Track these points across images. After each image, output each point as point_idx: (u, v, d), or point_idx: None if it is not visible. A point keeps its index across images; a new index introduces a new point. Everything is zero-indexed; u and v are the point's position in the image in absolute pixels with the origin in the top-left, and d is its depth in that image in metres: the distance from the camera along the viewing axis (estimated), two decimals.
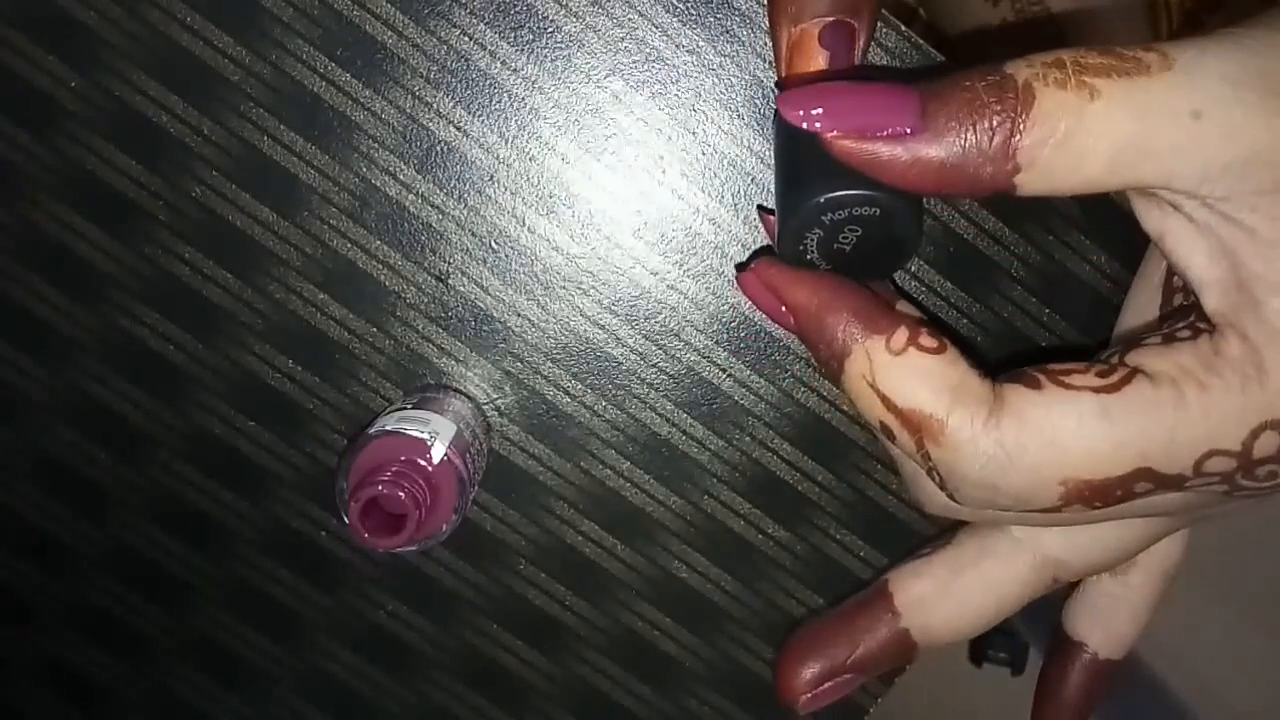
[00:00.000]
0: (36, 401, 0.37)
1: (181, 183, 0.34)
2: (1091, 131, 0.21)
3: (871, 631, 0.30)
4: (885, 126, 0.23)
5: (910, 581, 0.30)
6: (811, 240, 0.26)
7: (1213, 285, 0.23)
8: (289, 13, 0.33)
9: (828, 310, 0.26)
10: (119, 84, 0.33)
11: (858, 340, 0.25)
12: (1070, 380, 0.24)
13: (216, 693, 0.40)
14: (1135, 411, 0.23)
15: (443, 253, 0.35)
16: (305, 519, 0.38)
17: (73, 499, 0.38)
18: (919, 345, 0.25)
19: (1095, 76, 0.21)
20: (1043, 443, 0.23)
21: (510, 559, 0.38)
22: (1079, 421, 0.23)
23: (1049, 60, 0.22)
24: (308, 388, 0.36)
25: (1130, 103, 0.21)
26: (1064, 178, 0.22)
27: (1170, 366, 0.23)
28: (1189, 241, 0.23)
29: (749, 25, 0.32)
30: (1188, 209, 0.23)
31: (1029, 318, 0.35)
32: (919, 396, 0.25)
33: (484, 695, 0.40)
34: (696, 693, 0.39)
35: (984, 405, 0.24)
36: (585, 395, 0.36)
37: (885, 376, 0.25)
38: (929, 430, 0.25)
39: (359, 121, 0.34)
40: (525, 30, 0.33)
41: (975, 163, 0.22)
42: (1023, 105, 0.22)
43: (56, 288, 0.36)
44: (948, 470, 0.25)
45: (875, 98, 0.23)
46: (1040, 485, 0.24)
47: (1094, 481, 0.24)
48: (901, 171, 0.23)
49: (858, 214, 0.25)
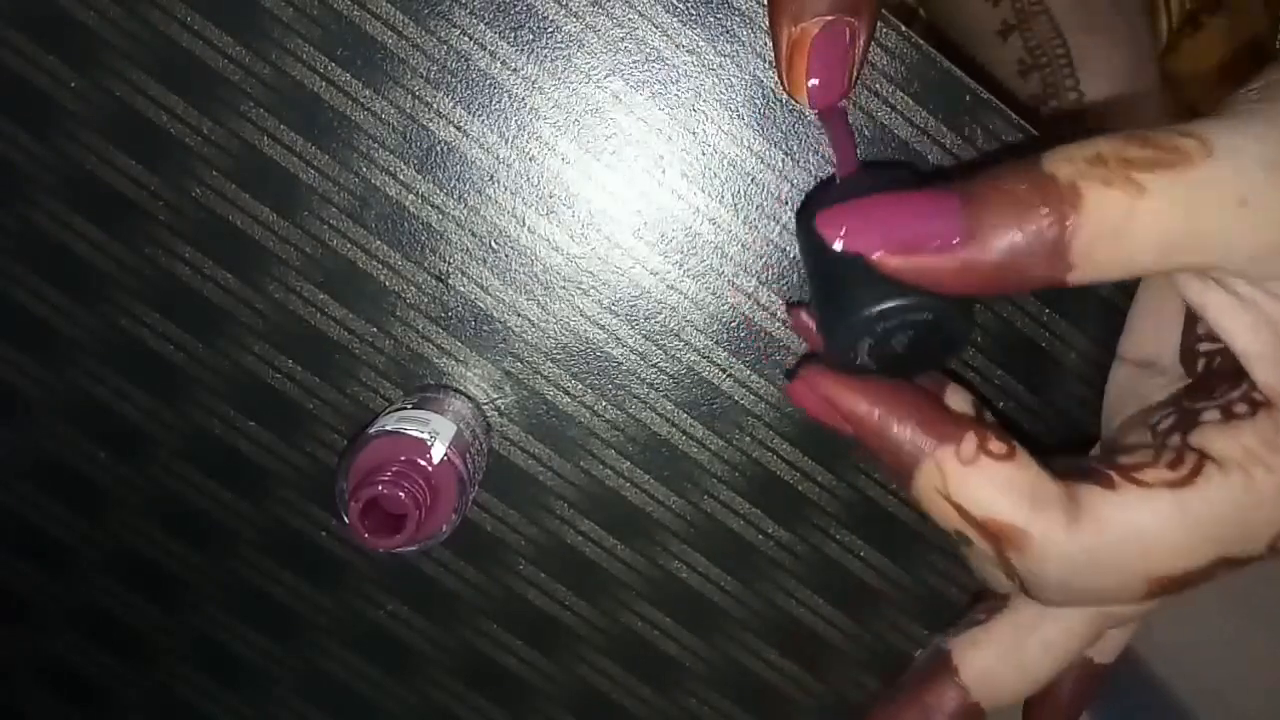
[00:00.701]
0: (36, 401, 0.37)
1: (181, 183, 0.34)
2: (1141, 227, 0.22)
3: (942, 709, 0.30)
4: (931, 239, 0.22)
5: (973, 654, 0.30)
6: (862, 347, 0.26)
7: (1261, 358, 0.24)
8: (289, 13, 0.33)
9: (890, 420, 0.26)
10: (119, 84, 0.33)
11: (925, 452, 0.25)
12: (1144, 476, 0.24)
13: (216, 693, 0.40)
14: (1211, 505, 0.23)
15: (443, 253, 0.35)
16: (305, 519, 0.38)
17: (73, 499, 0.38)
18: (989, 452, 0.25)
19: (1140, 172, 0.21)
20: (1124, 543, 0.24)
21: (510, 559, 0.38)
22: (1158, 521, 0.24)
23: (1089, 156, 0.22)
24: (308, 388, 0.36)
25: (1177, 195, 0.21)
26: (1114, 269, 0.22)
27: (1236, 450, 0.24)
28: (1232, 315, 0.24)
29: (749, 25, 0.32)
30: (1232, 285, 0.23)
31: (1029, 318, 0.35)
32: (997, 507, 0.25)
33: (484, 695, 0.40)
34: (696, 693, 0.39)
35: (1061, 510, 0.24)
36: (585, 395, 0.36)
37: (959, 488, 0.25)
38: (1011, 540, 0.25)
39: (359, 121, 0.34)
40: (525, 30, 0.33)
41: (1027, 264, 0.22)
42: (1069, 206, 0.21)
43: (56, 288, 0.36)
44: (1032, 577, 0.25)
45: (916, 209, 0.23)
46: (1127, 584, 0.24)
47: (1176, 576, 0.24)
48: (952, 280, 0.23)
49: (909, 320, 0.25)
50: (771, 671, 0.39)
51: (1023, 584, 0.26)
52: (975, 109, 0.32)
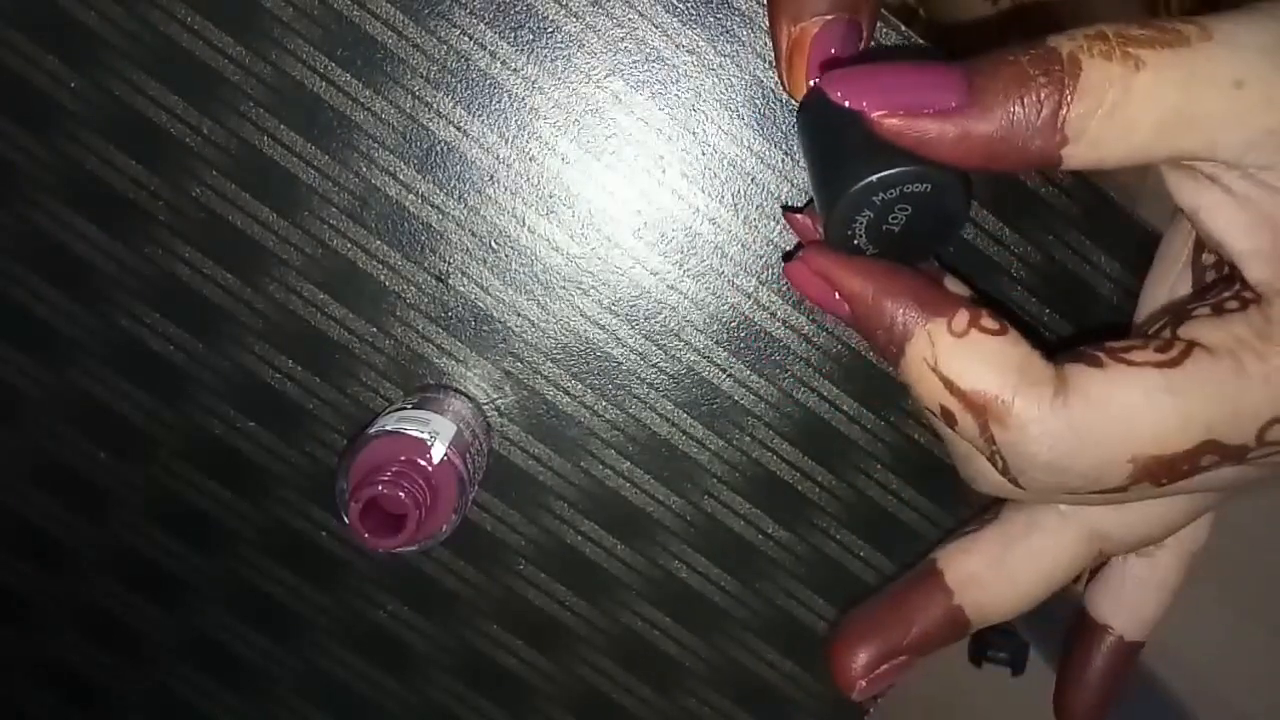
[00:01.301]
0: (36, 401, 0.37)
1: (181, 183, 0.34)
2: (1137, 101, 0.22)
3: (925, 611, 0.30)
4: (932, 103, 0.23)
5: (960, 559, 0.30)
6: (861, 224, 0.26)
7: (1255, 255, 0.23)
8: (289, 13, 0.33)
9: (885, 295, 0.26)
10: (119, 84, 0.33)
11: (918, 323, 0.25)
12: (1132, 356, 0.24)
13: (216, 693, 0.40)
14: (1199, 384, 0.23)
15: (443, 253, 0.35)
16: (305, 519, 0.38)
17: (73, 499, 0.38)
18: (981, 327, 0.25)
19: (1139, 48, 0.22)
20: (1111, 420, 0.24)
21: (510, 559, 0.38)
22: (1145, 397, 0.23)
23: (1091, 33, 0.22)
24: (308, 388, 0.36)
25: (1175, 72, 0.22)
26: (1111, 148, 0.22)
27: (1226, 337, 0.23)
28: (1227, 214, 0.24)
29: (749, 25, 0.32)
30: (1226, 180, 0.23)
31: (1029, 317, 0.35)
32: (984, 379, 0.24)
33: (484, 695, 0.40)
34: (696, 693, 0.39)
35: (1049, 386, 0.24)
36: (585, 395, 0.36)
37: (948, 359, 0.25)
38: (994, 413, 0.24)
39: (359, 121, 0.34)
40: (525, 30, 0.33)
41: (1024, 135, 0.22)
42: (1069, 77, 0.22)
43: (56, 288, 0.36)
44: (1013, 453, 0.25)
45: (920, 75, 0.23)
46: (1109, 463, 0.24)
47: (1162, 457, 0.24)
48: (951, 147, 0.23)
49: (909, 191, 0.25)
50: (771, 671, 0.39)
51: (1004, 466, 0.25)
52: None
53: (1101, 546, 0.29)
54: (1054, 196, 0.34)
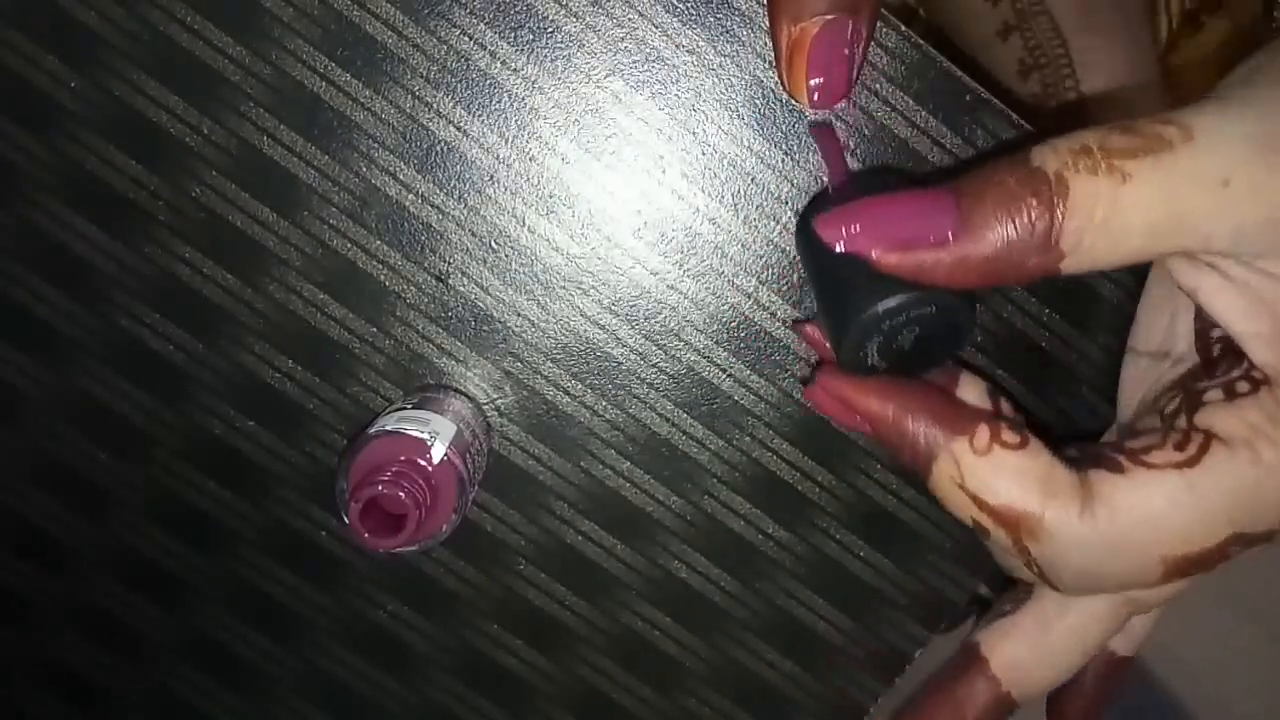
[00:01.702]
0: (36, 401, 0.37)
1: (181, 183, 0.34)
2: (1127, 212, 0.22)
3: (974, 701, 0.31)
4: (926, 235, 0.23)
5: (1002, 644, 0.31)
6: (871, 348, 0.27)
7: (1256, 338, 0.24)
8: (289, 13, 0.33)
9: (905, 416, 0.26)
10: (119, 84, 0.33)
11: (940, 444, 0.26)
12: (1152, 459, 0.25)
13: (216, 693, 0.40)
14: (1219, 481, 0.24)
15: (443, 253, 0.35)
16: (305, 519, 0.38)
17: (73, 499, 0.38)
18: (1002, 442, 0.26)
19: (1123, 160, 0.22)
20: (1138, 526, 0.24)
21: (510, 559, 0.38)
22: (1168, 502, 0.24)
23: (1075, 148, 0.23)
24: (308, 388, 0.36)
25: (1161, 180, 0.22)
26: (1107, 255, 0.23)
27: (1240, 427, 0.24)
28: (1226, 298, 0.24)
29: (749, 25, 0.32)
30: (1222, 267, 0.24)
31: (1029, 318, 0.35)
32: (1011, 495, 0.25)
33: (484, 695, 0.40)
34: (696, 693, 0.39)
35: (1076, 498, 0.25)
36: (585, 395, 0.36)
37: (974, 478, 0.26)
38: (1026, 528, 0.25)
39: (359, 121, 0.34)
40: (525, 30, 0.33)
41: (1020, 255, 0.23)
42: (1058, 196, 0.22)
43: (56, 288, 0.36)
44: (1048, 564, 0.25)
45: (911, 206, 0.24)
46: (1142, 567, 0.25)
47: (1191, 555, 0.24)
48: (949, 273, 0.23)
49: (914, 315, 0.26)
50: (771, 671, 0.39)
51: (1040, 572, 0.26)
52: (975, 109, 0.32)
53: (1133, 610, 0.30)
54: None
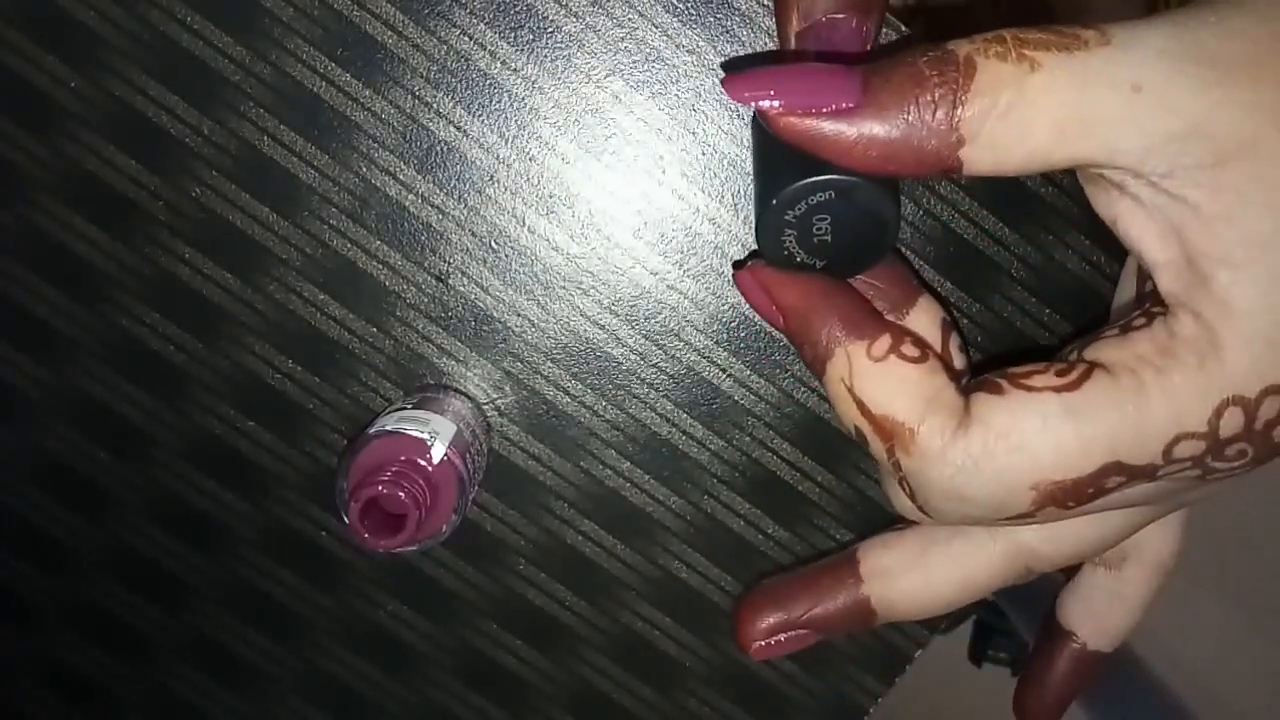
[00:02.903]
0: (36, 401, 0.37)
1: (181, 183, 0.34)
2: (1033, 102, 0.22)
3: (832, 593, 0.31)
4: (828, 103, 0.23)
5: (878, 551, 0.31)
6: (790, 240, 0.26)
7: (1165, 266, 0.23)
8: (289, 13, 0.33)
9: (815, 312, 0.26)
10: (119, 84, 0.33)
11: (840, 343, 0.26)
12: (1031, 382, 0.24)
13: (216, 693, 0.40)
14: (1098, 406, 0.23)
15: (443, 253, 0.35)
16: (305, 519, 0.38)
17: (73, 499, 0.38)
18: (900, 354, 0.25)
19: (1035, 50, 0.22)
20: (1009, 449, 0.23)
21: (510, 559, 0.38)
22: (1043, 423, 0.23)
23: (990, 36, 0.22)
24: (308, 388, 0.36)
25: (1070, 74, 0.22)
26: (1008, 151, 0.22)
27: (1127, 356, 0.23)
28: (1140, 224, 0.23)
29: (749, 25, 0.32)
30: (1134, 189, 0.23)
31: (1029, 318, 0.35)
32: (894, 404, 0.25)
33: (484, 695, 0.40)
34: (696, 693, 0.39)
35: (954, 416, 0.24)
36: (585, 395, 0.36)
37: (862, 381, 0.25)
38: (900, 439, 0.25)
39: (359, 121, 0.34)
40: (525, 30, 0.33)
41: (919, 136, 0.22)
42: (964, 78, 0.22)
43: (56, 288, 0.36)
44: (917, 481, 0.25)
45: (819, 77, 0.23)
46: (1011, 492, 0.24)
47: (1065, 482, 0.24)
48: (847, 149, 0.23)
49: (817, 202, 0.25)
50: (771, 671, 0.39)
51: (910, 492, 0.26)
52: None
53: (1028, 562, 0.29)
54: (1054, 196, 0.34)
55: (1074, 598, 0.32)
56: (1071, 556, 0.29)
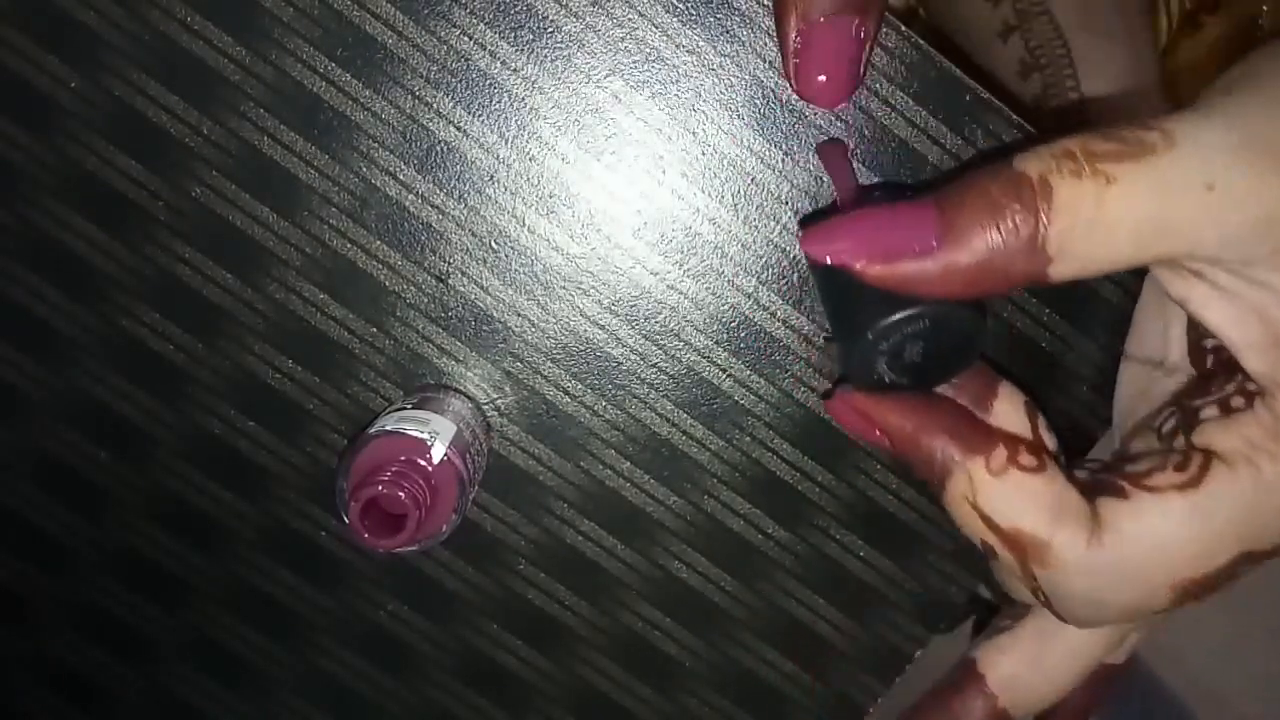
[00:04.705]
0: (36, 401, 0.37)
1: (181, 183, 0.34)
2: (1113, 215, 0.22)
3: (970, 716, 0.31)
4: (910, 246, 0.23)
5: (999, 659, 0.31)
6: (880, 366, 0.26)
7: (1250, 347, 0.24)
8: (289, 13, 0.33)
9: (923, 433, 0.26)
10: (119, 84, 0.33)
11: (956, 462, 0.26)
12: (1154, 482, 0.25)
13: (216, 693, 0.40)
14: (1222, 502, 0.24)
15: (443, 253, 0.35)
16: (305, 519, 0.38)
17: (73, 499, 0.38)
18: (1019, 465, 0.26)
19: (1107, 163, 0.22)
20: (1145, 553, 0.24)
21: (510, 559, 0.38)
22: (1173, 526, 0.24)
23: (1058, 152, 0.23)
24: (308, 388, 0.36)
25: (1145, 183, 0.22)
26: (1094, 261, 0.23)
27: (1239, 443, 0.24)
28: (1217, 307, 0.24)
29: (749, 25, 0.32)
30: (1211, 276, 0.23)
31: (1029, 318, 0.35)
32: (1023, 519, 0.25)
33: (484, 695, 0.40)
34: (696, 693, 0.39)
35: (1084, 524, 0.25)
36: (585, 395, 0.36)
37: (987, 499, 0.26)
38: (1034, 553, 0.25)
39: (359, 121, 0.34)
40: (525, 30, 0.33)
41: (1005, 261, 0.23)
42: (1042, 200, 0.22)
43: (56, 288, 0.36)
44: (1055, 592, 0.25)
45: (894, 219, 0.24)
46: (1150, 595, 0.25)
47: (1200, 578, 0.24)
48: (936, 284, 0.23)
49: (911, 331, 0.25)
50: (771, 671, 0.39)
51: (1047, 600, 0.26)
52: (975, 109, 0.32)
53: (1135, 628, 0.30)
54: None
55: None
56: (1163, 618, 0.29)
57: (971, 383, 0.29)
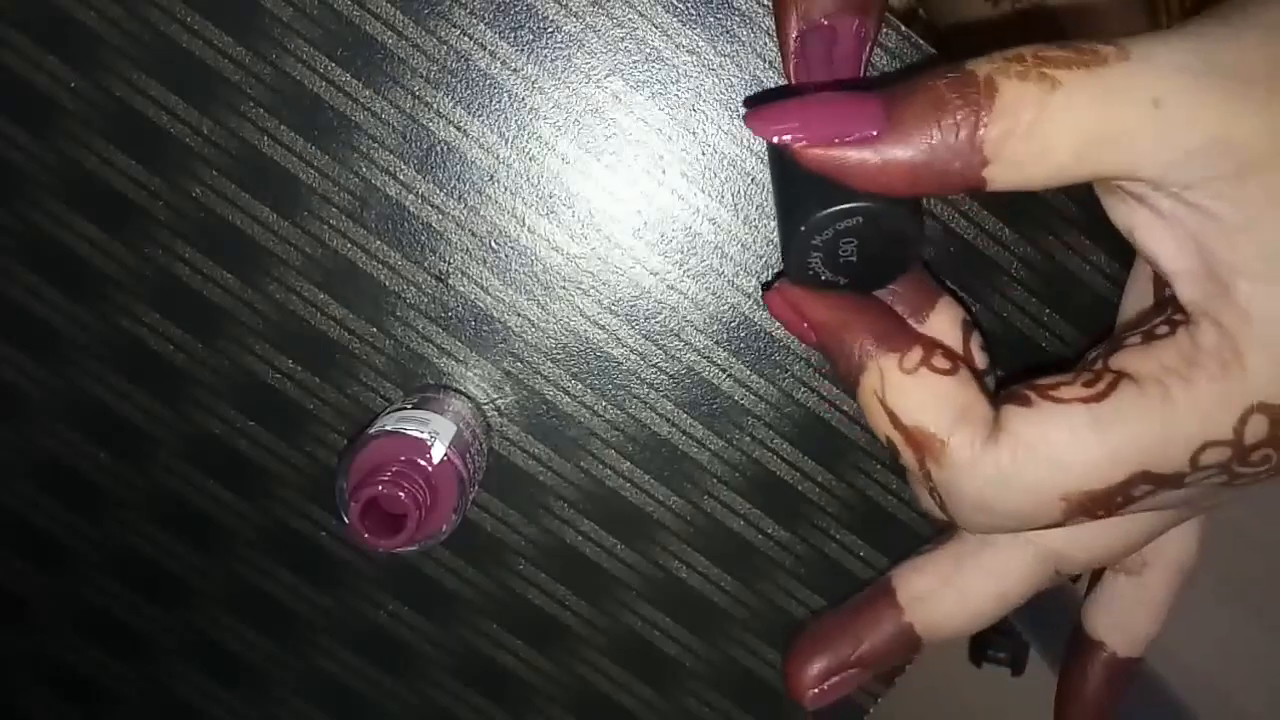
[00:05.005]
0: (36, 401, 0.37)
1: (181, 183, 0.34)
2: (1055, 120, 0.22)
3: (875, 627, 0.30)
4: (851, 131, 0.23)
5: (912, 577, 0.30)
6: (815, 262, 0.26)
7: (1184, 275, 0.23)
8: (289, 13, 0.33)
9: (846, 328, 0.27)
10: (119, 84, 0.33)
11: (872, 357, 0.26)
12: (1059, 394, 0.24)
13: (216, 693, 0.40)
14: (1125, 417, 0.23)
15: (443, 253, 0.35)
16: (305, 519, 0.38)
17: (73, 499, 0.38)
18: (931, 365, 0.26)
19: (1055, 68, 0.22)
20: (1038, 460, 0.24)
21: (510, 559, 0.38)
22: (1072, 434, 0.23)
23: (1009, 56, 0.22)
24: (308, 388, 0.36)
25: (1091, 91, 0.22)
26: (1032, 169, 0.22)
27: (1153, 366, 0.23)
28: (1157, 233, 0.24)
29: (749, 25, 0.32)
30: (1153, 200, 0.23)
31: (1029, 318, 0.35)
32: (925, 416, 0.25)
33: (484, 695, 0.40)
34: (696, 693, 0.39)
35: (984, 428, 0.25)
36: (585, 395, 0.36)
37: (895, 394, 0.26)
38: (931, 450, 0.25)
39: (359, 121, 0.34)
40: (525, 30, 0.33)
41: (943, 159, 0.22)
42: (985, 98, 0.22)
43: (56, 288, 0.36)
44: (947, 491, 0.25)
45: (839, 106, 0.23)
46: (1040, 503, 0.24)
47: (1094, 492, 0.24)
48: (873, 175, 0.23)
49: (844, 227, 0.25)
50: (771, 671, 0.39)
51: (941, 502, 0.26)
52: None
53: (1058, 566, 0.29)
54: (1054, 196, 0.34)
55: (1098, 608, 0.33)
56: (1098, 559, 0.29)
57: (911, 291, 0.29)
